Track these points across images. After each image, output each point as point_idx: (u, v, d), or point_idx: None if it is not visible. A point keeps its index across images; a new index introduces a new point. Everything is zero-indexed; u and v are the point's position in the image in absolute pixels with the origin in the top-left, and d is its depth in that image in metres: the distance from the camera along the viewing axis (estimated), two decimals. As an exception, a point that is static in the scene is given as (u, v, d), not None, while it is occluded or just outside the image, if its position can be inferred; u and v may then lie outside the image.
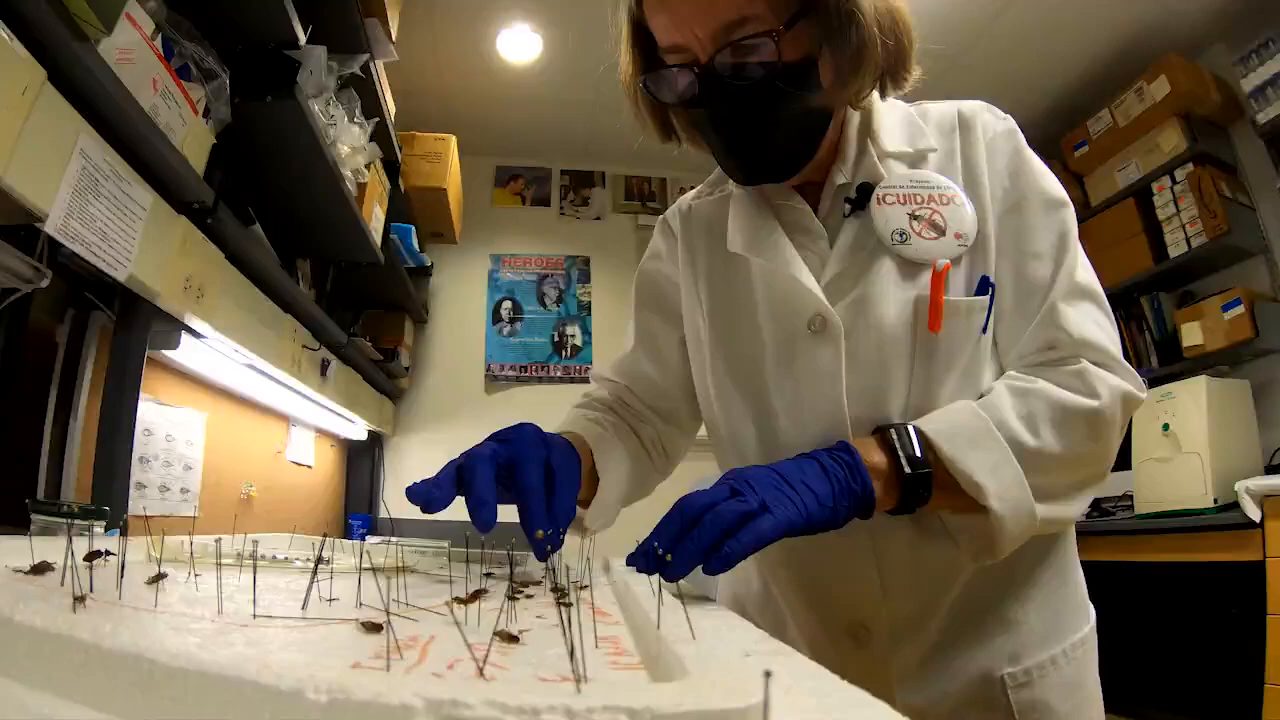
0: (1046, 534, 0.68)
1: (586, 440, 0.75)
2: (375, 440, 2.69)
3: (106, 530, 1.16)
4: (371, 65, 1.83)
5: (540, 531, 0.56)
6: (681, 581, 0.53)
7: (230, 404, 1.73)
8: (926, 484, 0.60)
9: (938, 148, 0.73)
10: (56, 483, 1.17)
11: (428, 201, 2.53)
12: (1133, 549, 2.02)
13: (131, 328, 1.21)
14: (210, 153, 1.26)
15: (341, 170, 1.69)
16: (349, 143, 1.75)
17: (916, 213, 0.69)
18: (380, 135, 2.04)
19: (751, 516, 0.54)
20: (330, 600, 0.45)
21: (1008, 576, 0.70)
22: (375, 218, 2.07)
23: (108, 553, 0.54)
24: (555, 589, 0.51)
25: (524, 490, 0.58)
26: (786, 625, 0.78)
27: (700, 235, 0.82)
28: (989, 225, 0.69)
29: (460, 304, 3.22)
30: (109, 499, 1.14)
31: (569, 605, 0.41)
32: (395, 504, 2.63)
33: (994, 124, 0.73)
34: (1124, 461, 2.16)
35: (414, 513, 0.56)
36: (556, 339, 3.26)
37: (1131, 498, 2.18)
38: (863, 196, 0.70)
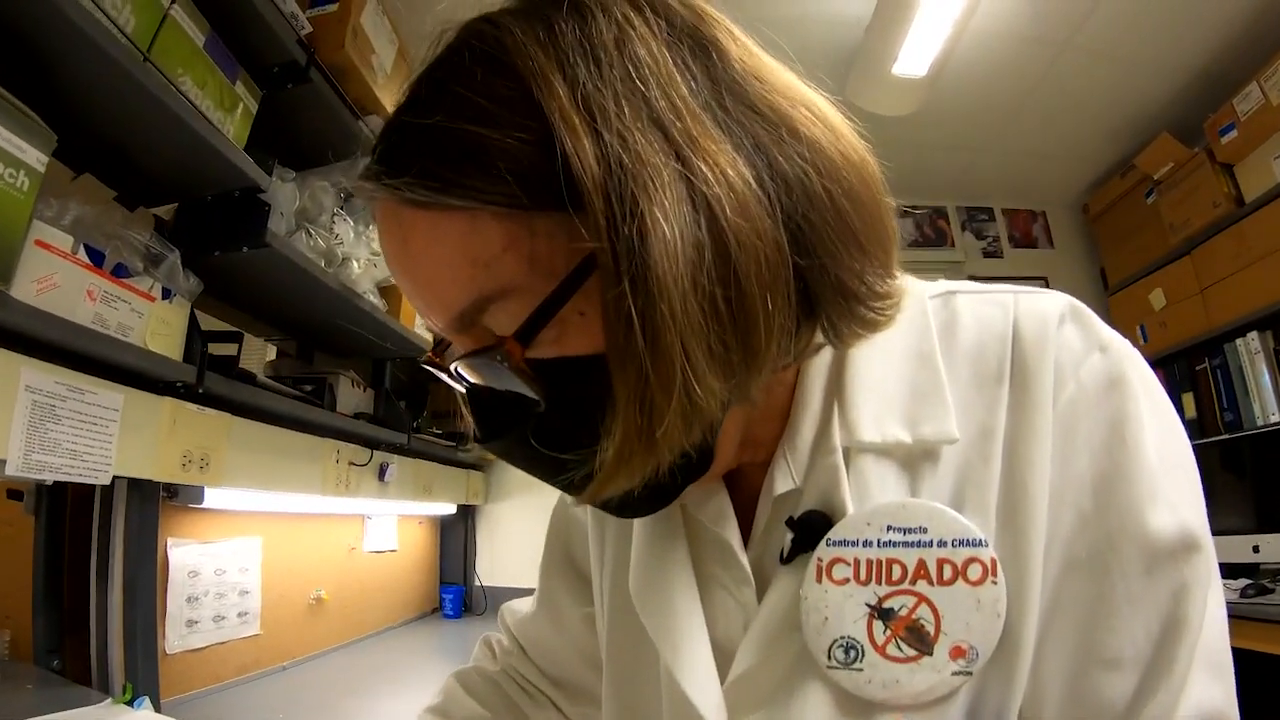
0: None
1: None
2: (466, 511, 2.72)
3: (134, 702, 1.23)
4: (382, 166, 1.80)
5: None
6: None
7: (289, 520, 1.80)
8: None
9: (960, 436, 0.39)
10: (104, 635, 1.25)
11: (483, 270, 2.49)
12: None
13: (141, 501, 1.27)
14: (190, 320, 1.27)
15: (354, 287, 1.68)
16: (363, 255, 1.73)
17: (886, 602, 0.37)
18: (412, 226, 2.02)
19: None
20: None
21: None
22: (420, 308, 2.06)
23: None
24: None
25: None
26: None
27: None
28: (1030, 601, 0.36)
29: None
30: (136, 668, 1.22)
31: None
32: (489, 573, 2.67)
33: (1077, 366, 0.38)
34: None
35: (506, 581, 0.49)
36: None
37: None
38: (808, 536, 0.40)
